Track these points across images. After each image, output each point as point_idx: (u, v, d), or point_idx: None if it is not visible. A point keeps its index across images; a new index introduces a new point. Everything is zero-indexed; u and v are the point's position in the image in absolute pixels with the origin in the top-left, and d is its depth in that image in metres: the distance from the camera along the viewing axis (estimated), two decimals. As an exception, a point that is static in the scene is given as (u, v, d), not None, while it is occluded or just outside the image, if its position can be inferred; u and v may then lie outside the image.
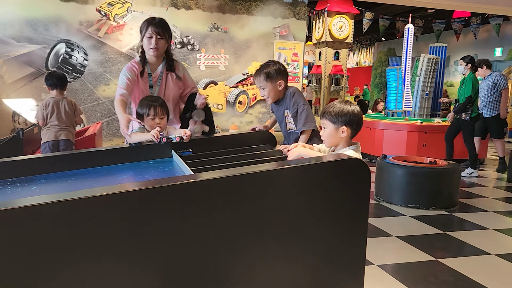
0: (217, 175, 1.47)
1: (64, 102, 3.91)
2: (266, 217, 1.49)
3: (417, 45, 11.67)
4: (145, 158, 2.25)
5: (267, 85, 2.48)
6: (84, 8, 6.14)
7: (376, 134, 6.71)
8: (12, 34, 5.83)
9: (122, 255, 1.31)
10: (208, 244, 1.43)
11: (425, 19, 11.10)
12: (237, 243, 1.47)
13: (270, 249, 1.51)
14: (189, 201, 1.38)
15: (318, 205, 1.54)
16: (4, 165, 1.96)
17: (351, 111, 1.80)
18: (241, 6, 6.91)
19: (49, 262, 1.21)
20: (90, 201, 1.24)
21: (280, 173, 1.50)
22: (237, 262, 1.48)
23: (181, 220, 1.38)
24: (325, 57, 10.47)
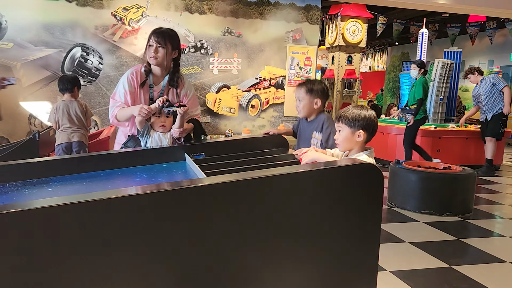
0: (229, 178, 1.48)
1: (74, 105, 3.96)
2: (278, 221, 1.49)
3: (431, 49, 11.57)
4: (159, 161, 2.27)
5: (305, 98, 2.46)
6: (99, 13, 6.23)
7: (390, 139, 6.66)
8: (30, 38, 5.95)
9: (135, 257, 1.32)
10: (220, 248, 1.44)
11: (440, 23, 11.00)
12: (249, 247, 1.47)
13: (282, 254, 1.51)
14: (202, 204, 1.39)
15: (330, 210, 1.54)
16: (21, 166, 1.99)
17: (368, 116, 1.82)
18: (254, 10, 6.94)
19: (63, 263, 1.23)
20: (105, 203, 1.25)
21: (293, 177, 1.50)
22: (247, 266, 1.48)
23: (194, 224, 1.38)
24: (338, 61, 10.45)
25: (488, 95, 6.04)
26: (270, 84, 7.23)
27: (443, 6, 7.99)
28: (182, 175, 2.01)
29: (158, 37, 2.38)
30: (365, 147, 1.87)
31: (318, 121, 2.48)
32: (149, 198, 1.33)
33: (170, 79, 2.50)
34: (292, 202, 1.50)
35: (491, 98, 6.03)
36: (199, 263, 1.41)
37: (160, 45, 2.37)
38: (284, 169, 1.63)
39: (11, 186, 1.84)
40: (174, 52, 2.46)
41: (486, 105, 6.09)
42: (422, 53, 7.17)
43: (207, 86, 6.91)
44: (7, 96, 5.92)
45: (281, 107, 7.32)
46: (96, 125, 6.23)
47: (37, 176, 1.98)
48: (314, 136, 2.49)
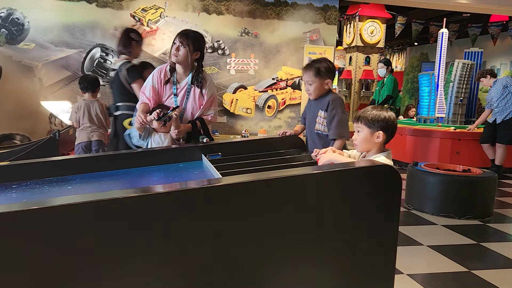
0: (246, 179, 1.48)
1: (95, 105, 4.02)
2: (294, 222, 1.49)
3: (451, 50, 11.37)
4: (175, 161, 2.29)
5: (315, 81, 2.44)
6: (119, 14, 6.32)
7: (407, 141, 6.57)
8: (51, 39, 6.07)
9: (151, 256, 1.33)
10: (236, 248, 1.44)
11: (460, 23, 10.81)
12: (265, 247, 1.47)
13: (298, 255, 1.50)
14: (218, 204, 1.40)
15: (348, 211, 1.52)
16: (41, 165, 2.03)
17: (388, 117, 1.80)
18: (272, 11, 6.94)
19: (81, 260, 1.25)
20: (124, 202, 1.27)
21: (310, 178, 1.50)
22: (263, 267, 1.48)
23: (210, 223, 1.39)
24: (356, 62, 10.36)
25: (500, 98, 5.86)
26: (287, 85, 7.21)
27: (464, 6, 7.85)
28: (198, 175, 2.02)
29: (182, 37, 2.56)
30: (383, 148, 1.85)
31: (324, 100, 2.47)
32: (167, 197, 1.34)
33: (193, 78, 2.65)
34: (308, 203, 1.49)
35: (503, 100, 5.85)
36: (215, 263, 1.42)
37: (182, 44, 2.55)
38: (301, 169, 1.62)
39: (32, 184, 1.88)
40: (196, 53, 2.61)
41: (497, 108, 5.92)
42: (441, 53, 7.06)
43: (224, 87, 6.94)
44: (28, 95, 6.05)
45: (297, 108, 7.30)
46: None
47: (57, 174, 2.02)
48: (319, 114, 2.49)
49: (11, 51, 5.94)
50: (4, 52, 5.90)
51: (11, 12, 5.86)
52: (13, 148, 4.59)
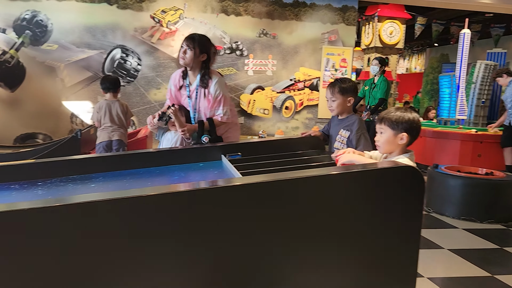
0: (266, 178, 1.48)
1: (116, 105, 4.08)
2: (314, 223, 1.48)
3: (473, 50, 11.16)
4: (195, 160, 2.31)
5: (338, 98, 2.49)
6: (139, 15, 6.40)
7: (427, 143, 6.48)
8: (73, 40, 6.18)
9: (172, 253, 1.34)
10: (255, 247, 1.44)
11: (483, 23, 10.61)
12: (285, 247, 1.47)
13: (317, 256, 1.50)
14: (238, 203, 1.40)
15: (369, 213, 1.51)
16: (65, 163, 2.07)
17: (412, 118, 1.78)
18: (290, 12, 6.93)
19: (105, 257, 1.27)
20: (147, 200, 1.29)
21: (332, 179, 1.49)
22: (283, 267, 1.48)
23: (230, 222, 1.40)
24: (374, 63, 10.25)
25: None
26: (305, 86, 7.19)
27: (488, 6, 7.71)
28: (218, 175, 2.04)
29: (188, 41, 2.69)
30: (406, 150, 1.83)
31: (349, 120, 2.50)
32: (188, 196, 1.36)
33: (200, 80, 2.76)
34: (330, 204, 1.49)
35: None
36: (236, 262, 1.43)
37: (188, 47, 2.67)
38: (322, 170, 1.62)
39: (57, 182, 1.92)
40: (203, 55, 2.72)
41: (511, 109, 5.72)
42: (463, 54, 6.94)
43: (241, 87, 6.96)
44: (51, 95, 6.18)
45: (315, 109, 7.27)
46: (133, 125, 6.38)
47: (80, 172, 2.05)
48: (340, 133, 2.50)
49: (35, 52, 6.07)
50: (28, 53, 6.04)
51: (35, 14, 5.99)
52: (37, 147, 4.70)
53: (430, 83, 14.88)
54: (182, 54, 2.69)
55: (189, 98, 2.82)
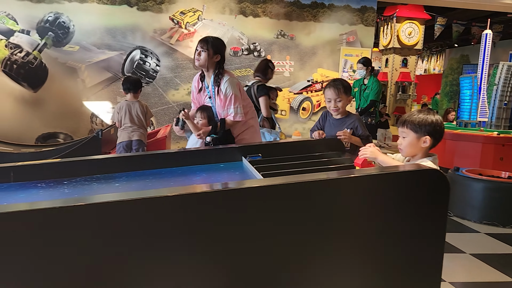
0: (288, 180, 1.48)
1: (136, 105, 4.13)
2: (336, 226, 1.48)
3: (494, 51, 10.96)
4: (216, 161, 2.32)
5: (343, 98, 2.56)
6: (158, 17, 6.47)
7: (447, 145, 6.38)
8: (94, 42, 6.28)
9: (193, 254, 1.36)
10: (276, 249, 1.44)
11: (505, 24, 10.41)
12: (307, 249, 1.47)
13: (340, 259, 1.49)
14: (259, 204, 1.41)
15: (393, 215, 1.50)
16: (90, 162, 2.11)
17: (435, 121, 1.76)
18: (308, 13, 6.92)
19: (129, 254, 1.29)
20: (174, 200, 1.31)
21: (356, 181, 1.49)
22: (305, 270, 1.48)
23: (251, 223, 1.40)
24: (392, 64, 10.17)
25: None
26: (322, 87, 7.16)
27: (510, 6, 7.56)
28: (239, 176, 2.04)
29: (202, 43, 2.79)
30: (429, 153, 1.81)
31: (350, 119, 2.61)
32: (208, 197, 1.37)
33: (214, 79, 2.86)
34: (352, 207, 1.48)
35: None
36: (257, 263, 1.43)
37: (202, 49, 2.77)
38: (345, 172, 1.61)
39: (82, 181, 1.95)
40: (216, 56, 2.82)
41: None
42: (485, 55, 6.81)
43: (259, 88, 6.96)
44: (72, 95, 6.29)
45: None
46: (152, 125, 6.45)
47: (104, 172, 2.09)
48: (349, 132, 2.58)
49: (57, 53, 6.19)
50: (50, 54, 6.16)
51: (58, 16, 6.11)
52: (59, 146, 4.78)
53: (449, 84, 14.66)
54: (197, 56, 2.80)
55: (210, 98, 2.93)
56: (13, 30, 6.02)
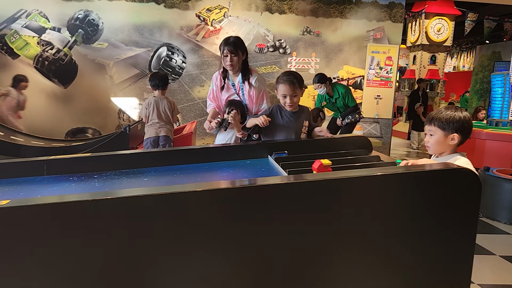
0: (312, 178, 1.48)
1: (164, 102, 4.18)
2: (364, 224, 1.47)
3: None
4: (242, 158, 2.34)
5: (299, 92, 2.57)
6: (185, 14, 6.53)
7: (477, 144, 6.22)
8: (122, 39, 6.40)
9: (218, 248, 1.37)
10: (302, 246, 1.44)
11: (540, 19, 10.03)
12: (332, 248, 1.46)
13: (367, 258, 1.48)
14: (283, 201, 1.41)
15: (423, 216, 1.48)
16: (120, 157, 2.16)
17: (463, 118, 1.73)
18: (335, 9, 6.85)
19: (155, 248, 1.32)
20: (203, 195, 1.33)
21: (388, 179, 1.47)
22: (331, 267, 1.48)
23: (275, 219, 1.41)
24: (420, 61, 9.97)
25: None
26: (348, 84, 7.08)
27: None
28: (264, 172, 2.05)
29: (231, 47, 2.82)
30: (456, 150, 1.78)
31: (303, 112, 2.65)
32: (234, 193, 1.38)
33: (242, 75, 2.94)
34: (381, 205, 1.47)
35: None
36: (282, 260, 1.44)
37: (233, 54, 2.83)
38: (378, 170, 1.59)
39: (111, 175, 2.00)
40: (244, 55, 2.90)
41: None
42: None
43: (284, 85, 6.93)
44: (100, 91, 6.43)
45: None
46: (177, 121, 6.53)
47: (133, 167, 2.13)
48: (305, 125, 2.63)
49: (86, 50, 6.33)
50: (80, 51, 6.31)
51: (87, 13, 6.25)
52: (88, 141, 4.91)
53: (480, 82, 14.25)
54: (230, 62, 2.84)
55: (238, 95, 2.97)
56: (45, 28, 6.19)
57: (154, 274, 1.33)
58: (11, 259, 1.22)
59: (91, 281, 1.28)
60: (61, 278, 1.26)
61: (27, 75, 6.19)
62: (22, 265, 1.23)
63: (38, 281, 1.25)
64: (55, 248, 1.24)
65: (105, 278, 1.29)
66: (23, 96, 6.20)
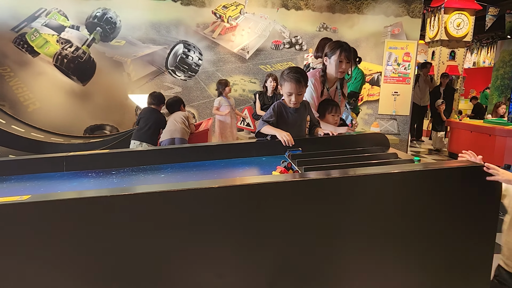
0: (325, 175, 1.48)
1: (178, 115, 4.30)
2: (382, 221, 1.46)
3: (551, 43, 10.32)
4: (258, 154, 2.34)
5: (303, 91, 2.54)
6: (201, 11, 6.55)
7: (497, 142, 6.10)
8: (139, 36, 6.46)
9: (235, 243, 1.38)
10: (321, 244, 1.44)
11: None
12: (351, 244, 1.46)
13: (385, 255, 1.47)
14: (299, 198, 1.41)
15: (443, 213, 1.46)
16: (137, 154, 2.18)
17: None
18: (352, 5, 6.78)
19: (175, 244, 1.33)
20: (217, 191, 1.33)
21: (406, 177, 1.45)
22: (348, 265, 1.47)
23: (293, 217, 1.41)
24: (439, 56, 9.80)
25: None
26: (365, 81, 7.00)
27: None
28: (281, 169, 2.04)
29: (349, 54, 2.80)
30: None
31: (304, 107, 2.62)
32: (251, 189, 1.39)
33: (340, 84, 2.99)
34: (402, 202, 1.45)
35: None
36: (294, 255, 1.43)
37: (347, 60, 2.81)
38: (397, 167, 1.58)
39: (129, 171, 2.03)
40: None
41: None
42: (541, 47, 6.41)
43: (300, 82, 6.91)
44: (118, 89, 6.50)
45: (375, 105, 7.07)
46: (193, 117, 6.56)
47: (150, 163, 2.15)
48: (308, 119, 2.65)
49: (104, 48, 6.41)
50: (98, 48, 6.39)
51: (105, 11, 6.33)
52: (105, 138, 4.97)
53: (501, 78, 13.92)
54: (344, 68, 2.81)
55: None
56: (64, 26, 6.29)
57: (171, 270, 1.34)
58: (31, 252, 1.25)
59: (107, 275, 1.30)
60: (79, 272, 1.28)
61: (47, 73, 6.31)
62: (42, 258, 1.25)
63: (57, 275, 1.27)
64: (73, 242, 1.27)
65: (121, 273, 1.31)
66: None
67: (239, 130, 6.62)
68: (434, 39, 9.93)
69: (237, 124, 5.86)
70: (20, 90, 6.26)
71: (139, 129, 4.27)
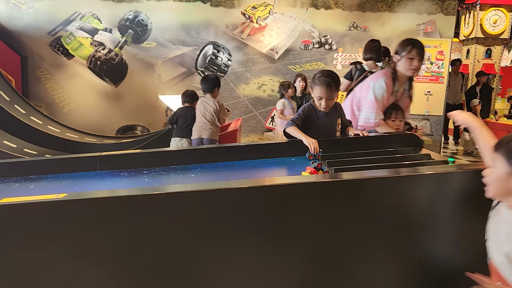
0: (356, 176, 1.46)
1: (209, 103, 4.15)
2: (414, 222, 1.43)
3: None
4: (288, 155, 2.33)
5: (335, 95, 2.47)
6: (230, 12, 6.59)
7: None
8: (170, 38, 6.56)
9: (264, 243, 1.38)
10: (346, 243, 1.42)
11: None
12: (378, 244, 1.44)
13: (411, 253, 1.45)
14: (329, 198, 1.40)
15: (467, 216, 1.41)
16: (168, 154, 2.21)
17: None
18: (383, 3, 6.66)
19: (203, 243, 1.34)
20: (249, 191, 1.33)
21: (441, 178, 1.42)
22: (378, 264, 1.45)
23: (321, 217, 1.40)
24: (474, 55, 9.49)
25: None
26: (407, 81, 6.87)
27: None
28: (310, 170, 2.02)
29: (421, 51, 2.63)
30: None
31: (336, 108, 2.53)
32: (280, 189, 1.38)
33: (409, 85, 2.84)
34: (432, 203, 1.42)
35: None
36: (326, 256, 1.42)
37: (420, 58, 2.62)
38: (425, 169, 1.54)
39: (159, 171, 2.05)
40: None
41: None
42: None
43: (329, 82, 6.84)
44: (149, 90, 6.63)
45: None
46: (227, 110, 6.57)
47: (180, 163, 2.18)
48: (338, 122, 2.56)
49: (136, 50, 6.55)
50: (130, 50, 6.54)
51: (137, 14, 6.46)
52: (137, 138, 5.08)
53: (539, 77, 13.36)
54: (416, 66, 2.63)
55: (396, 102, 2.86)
56: (97, 29, 6.47)
57: (201, 269, 1.35)
58: (66, 248, 1.28)
59: (138, 273, 1.32)
60: (111, 269, 1.31)
61: (81, 75, 6.50)
62: (76, 254, 1.29)
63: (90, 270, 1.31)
64: (106, 239, 1.30)
65: (152, 271, 1.33)
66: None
67: (267, 130, 6.62)
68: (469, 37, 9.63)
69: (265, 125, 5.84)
70: (55, 92, 6.48)
71: (179, 127, 4.29)
